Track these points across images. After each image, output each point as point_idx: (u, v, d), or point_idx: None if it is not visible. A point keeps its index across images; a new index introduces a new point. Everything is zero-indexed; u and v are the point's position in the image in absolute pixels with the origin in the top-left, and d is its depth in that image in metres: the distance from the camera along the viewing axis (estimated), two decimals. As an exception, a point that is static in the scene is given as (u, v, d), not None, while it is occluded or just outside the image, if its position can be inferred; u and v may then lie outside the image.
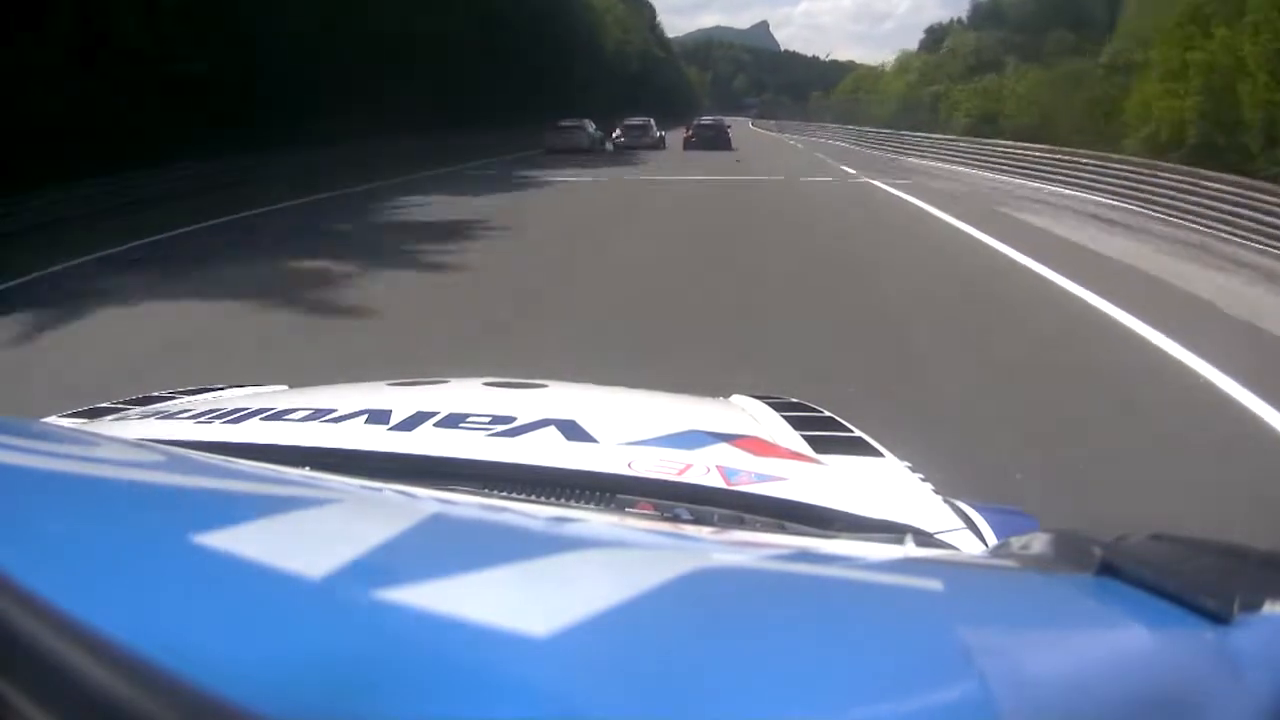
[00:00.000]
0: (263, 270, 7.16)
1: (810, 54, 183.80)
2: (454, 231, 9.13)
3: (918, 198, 12.19)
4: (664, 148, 25.10)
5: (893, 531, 0.84)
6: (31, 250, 7.93)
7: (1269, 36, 10.45)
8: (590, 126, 25.12)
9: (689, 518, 0.85)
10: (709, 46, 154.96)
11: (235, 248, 8.42)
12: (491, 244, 8.65)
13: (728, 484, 0.91)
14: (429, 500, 0.58)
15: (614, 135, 25.55)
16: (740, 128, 34.94)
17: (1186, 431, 3.56)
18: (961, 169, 17.48)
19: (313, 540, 0.40)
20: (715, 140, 24.99)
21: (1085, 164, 13.17)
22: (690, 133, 26.39)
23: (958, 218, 9.88)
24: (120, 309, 6.05)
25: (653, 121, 28.13)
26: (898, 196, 12.68)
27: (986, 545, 0.89)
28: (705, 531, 0.76)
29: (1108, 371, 4.35)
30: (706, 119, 30.95)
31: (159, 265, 7.58)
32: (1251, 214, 8.51)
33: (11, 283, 6.86)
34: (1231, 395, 3.94)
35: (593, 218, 10.61)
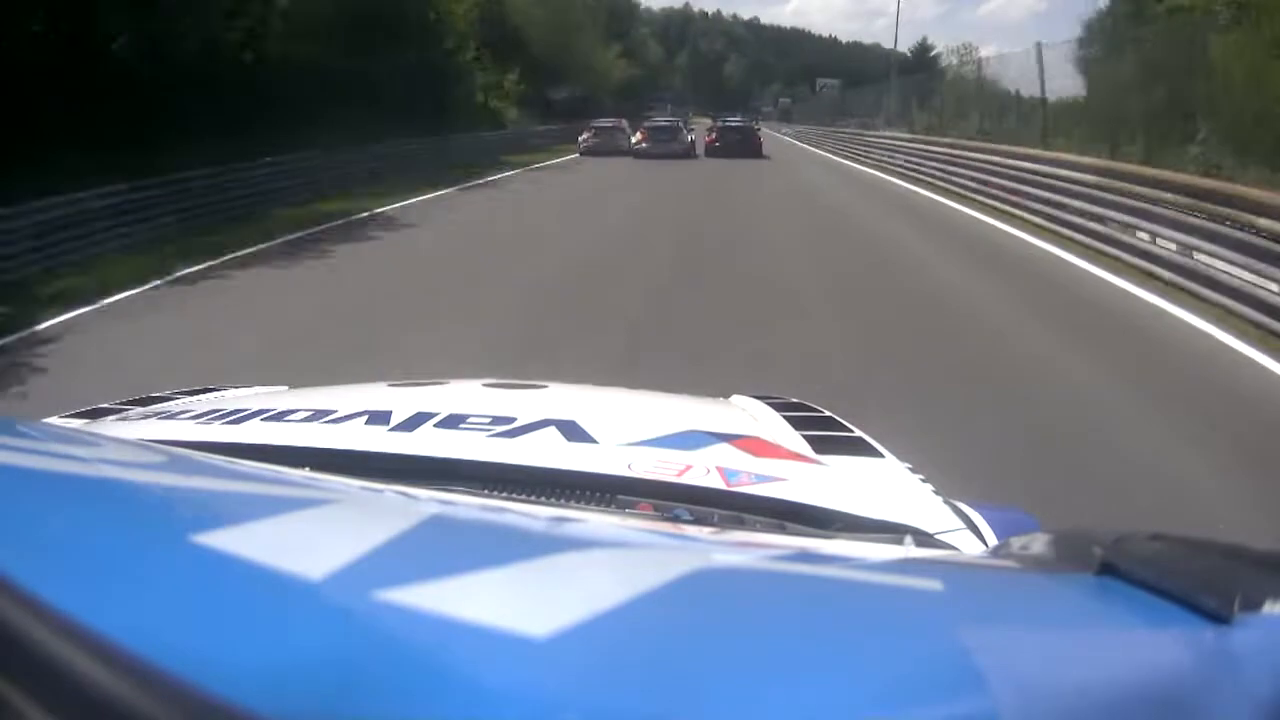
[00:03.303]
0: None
1: (828, 34, 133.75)
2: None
3: None
4: (695, 155, 21.15)
5: (893, 532, 0.84)
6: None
7: None
8: (626, 126, 23.70)
9: (689, 518, 0.85)
10: (685, 22, 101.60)
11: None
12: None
13: (728, 485, 0.91)
14: (429, 501, 0.58)
15: (634, 141, 22.00)
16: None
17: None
18: None
19: (313, 541, 0.40)
20: (743, 146, 21.52)
21: None
22: (714, 137, 22.27)
23: None
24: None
25: (682, 124, 24.52)
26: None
27: (986, 545, 0.89)
28: (705, 532, 0.76)
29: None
30: (733, 120, 27.21)
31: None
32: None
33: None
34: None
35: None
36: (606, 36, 43.32)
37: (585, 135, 23.31)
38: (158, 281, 7.07)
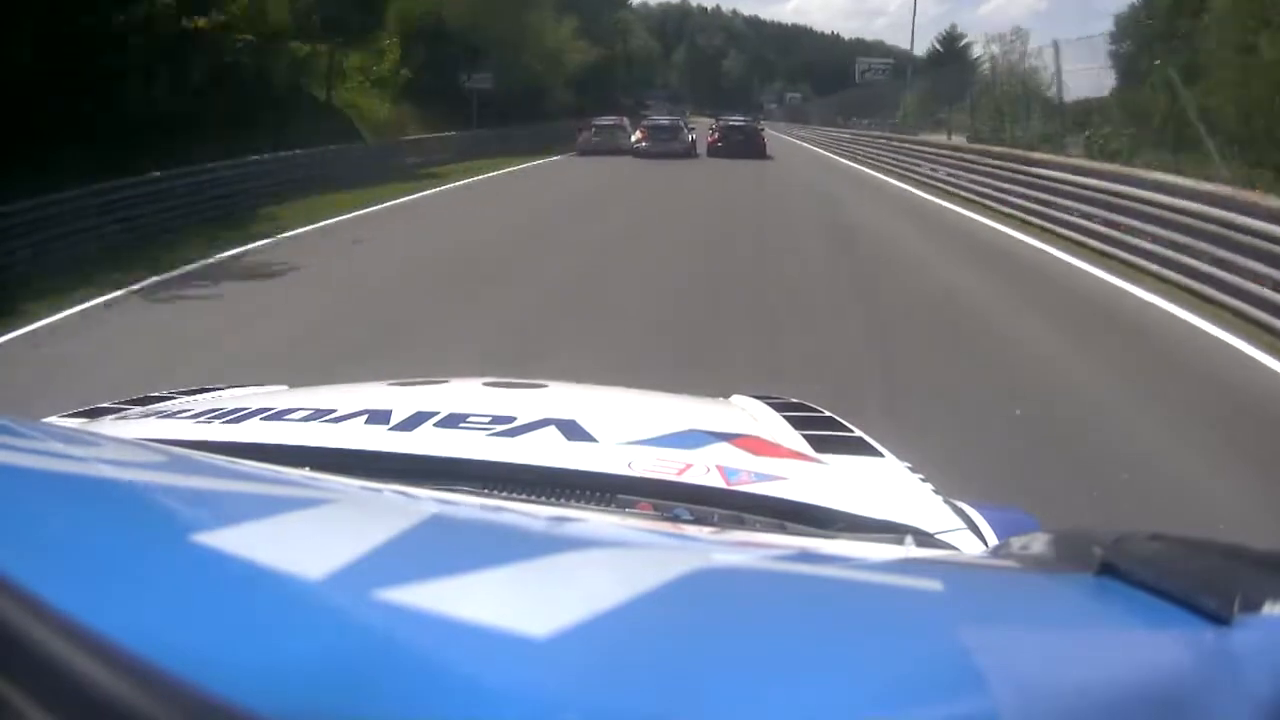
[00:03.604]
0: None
1: (830, 31, 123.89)
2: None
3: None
4: (697, 155, 20.49)
5: (893, 531, 0.84)
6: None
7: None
8: (626, 124, 22.79)
9: (689, 518, 0.85)
10: (682, 17, 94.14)
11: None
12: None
13: (728, 484, 0.91)
14: (429, 500, 0.58)
15: (633, 140, 21.18)
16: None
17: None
18: None
19: (312, 541, 0.40)
20: (747, 145, 20.54)
21: None
22: (717, 136, 21.42)
23: None
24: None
25: (683, 121, 23.40)
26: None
27: (986, 545, 0.89)
28: (705, 531, 0.76)
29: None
30: (736, 119, 25.22)
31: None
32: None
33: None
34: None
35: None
36: (560, 9, 31.65)
37: (585, 134, 22.72)
38: None
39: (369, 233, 9.64)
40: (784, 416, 1.31)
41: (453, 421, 1.04)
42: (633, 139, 21.45)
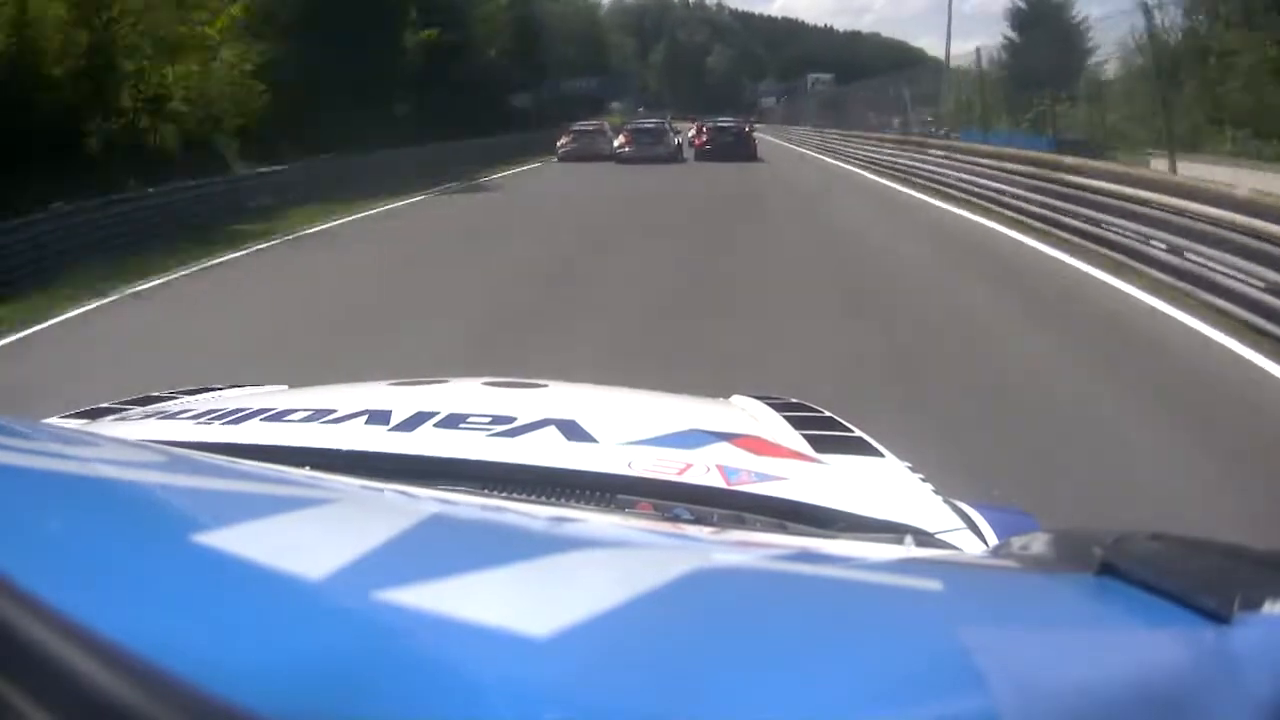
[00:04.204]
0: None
1: (822, 23, 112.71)
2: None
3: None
4: (683, 159, 19.90)
5: (893, 531, 0.84)
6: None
7: None
8: (607, 129, 22.22)
9: (689, 518, 0.85)
10: (662, 11, 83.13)
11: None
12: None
13: (728, 484, 0.91)
14: (429, 500, 0.58)
15: (616, 145, 20.46)
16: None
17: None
18: None
19: (313, 540, 0.40)
20: (737, 148, 20.05)
21: None
22: (705, 139, 20.92)
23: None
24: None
25: (668, 124, 22.96)
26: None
27: (986, 545, 0.89)
28: (705, 531, 0.76)
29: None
30: (725, 120, 23.96)
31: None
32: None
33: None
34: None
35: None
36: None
37: (564, 139, 21.65)
38: None
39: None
40: (784, 416, 1.31)
41: (453, 421, 1.04)
42: (615, 144, 20.55)
